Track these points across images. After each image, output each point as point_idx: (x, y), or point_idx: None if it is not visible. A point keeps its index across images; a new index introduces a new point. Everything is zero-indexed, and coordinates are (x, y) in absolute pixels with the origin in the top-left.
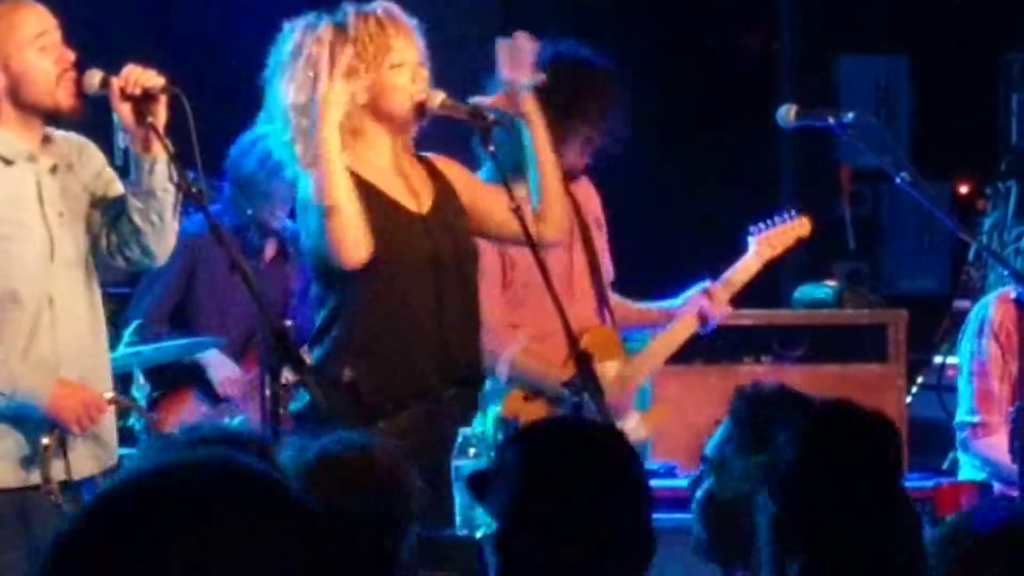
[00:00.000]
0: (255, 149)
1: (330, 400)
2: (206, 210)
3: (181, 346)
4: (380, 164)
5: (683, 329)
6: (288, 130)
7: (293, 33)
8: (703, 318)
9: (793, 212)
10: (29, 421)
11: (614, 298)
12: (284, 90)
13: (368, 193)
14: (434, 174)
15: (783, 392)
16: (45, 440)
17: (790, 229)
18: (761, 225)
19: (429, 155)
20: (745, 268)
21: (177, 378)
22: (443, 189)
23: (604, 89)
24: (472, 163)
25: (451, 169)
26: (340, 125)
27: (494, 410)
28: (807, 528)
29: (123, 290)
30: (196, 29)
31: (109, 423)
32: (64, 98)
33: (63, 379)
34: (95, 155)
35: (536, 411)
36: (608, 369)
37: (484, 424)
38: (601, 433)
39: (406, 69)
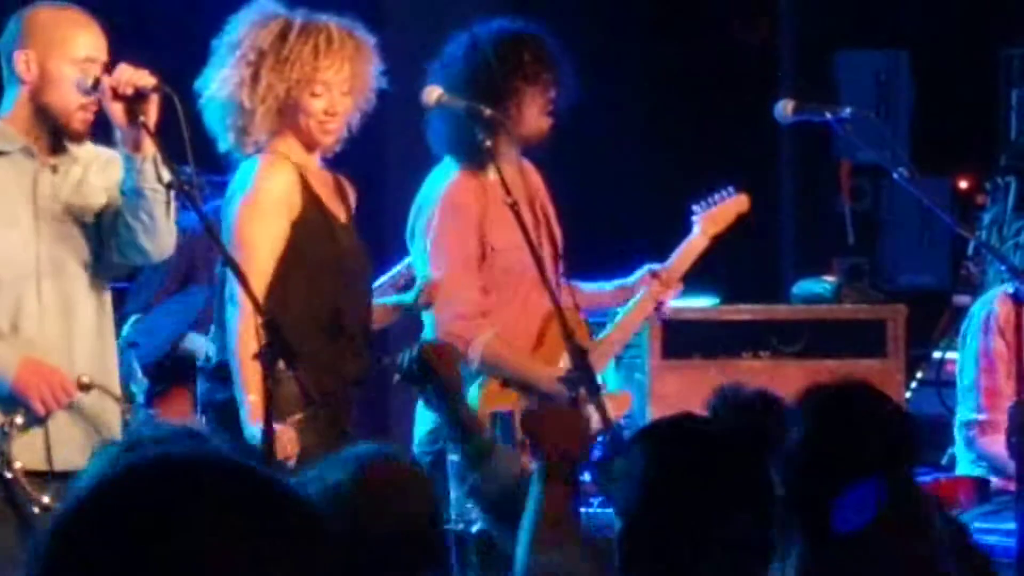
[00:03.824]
0: None
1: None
2: (198, 207)
3: (175, 314)
4: (304, 163)
5: (639, 313)
6: (227, 116)
7: (244, 21)
8: (657, 301)
9: (731, 189)
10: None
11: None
12: (221, 78)
13: (307, 194)
14: (341, 190)
15: (763, 397)
16: (18, 419)
17: (731, 205)
18: (703, 203)
19: (336, 174)
20: (692, 247)
21: (174, 374)
22: (349, 205)
23: (532, 52)
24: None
25: (350, 193)
26: (268, 128)
27: (473, 395)
28: (811, 511)
29: (121, 285)
30: (190, 26)
31: (111, 416)
32: (76, 123)
33: (30, 356)
34: (119, 166)
35: (512, 399)
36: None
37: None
38: (726, 433)
39: (324, 99)
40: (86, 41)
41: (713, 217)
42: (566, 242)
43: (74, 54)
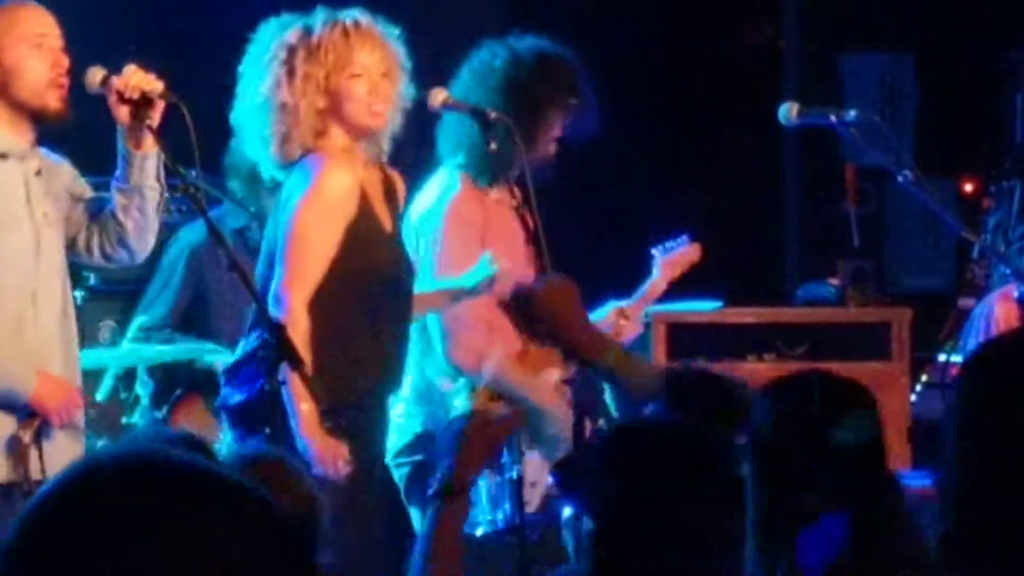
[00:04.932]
0: None
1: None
2: (203, 211)
3: (185, 350)
4: (354, 161)
5: None
6: (267, 127)
7: (267, 33)
8: (617, 337)
9: (685, 237)
10: (11, 415)
11: None
12: (255, 89)
13: (363, 201)
14: (391, 187)
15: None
16: (22, 432)
17: (687, 253)
18: (661, 248)
19: (388, 168)
20: (654, 289)
21: (188, 383)
22: (397, 205)
23: (566, 77)
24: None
25: (401, 190)
26: (312, 127)
27: (464, 406)
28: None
29: (129, 287)
30: (195, 29)
31: (81, 425)
32: (52, 101)
33: (44, 371)
34: (67, 166)
35: (500, 409)
36: (550, 376)
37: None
38: (696, 433)
39: (364, 80)
40: (31, 19)
41: (672, 263)
42: (567, 246)
43: (25, 32)
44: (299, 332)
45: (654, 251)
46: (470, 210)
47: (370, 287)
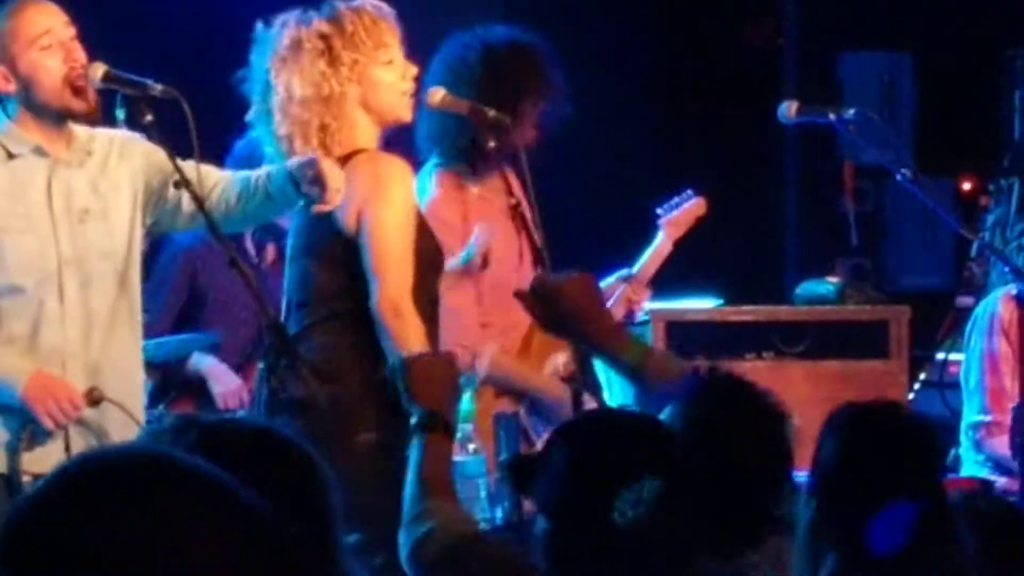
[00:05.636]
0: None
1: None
2: (205, 210)
3: (178, 343)
4: None
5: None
6: (286, 123)
7: (286, 28)
8: (629, 306)
9: (690, 192)
10: (17, 408)
11: None
12: (284, 83)
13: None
14: None
15: (735, 384)
16: (24, 433)
17: (692, 210)
18: (665, 207)
19: None
20: (659, 251)
21: (179, 390)
22: None
23: (540, 63)
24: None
25: None
26: (351, 118)
27: (467, 407)
28: (844, 528)
29: None
30: (196, 29)
31: (123, 425)
32: (73, 103)
33: (44, 370)
34: (138, 143)
35: (504, 407)
36: (557, 359)
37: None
38: (647, 428)
39: (397, 66)
40: (33, 19)
41: (676, 221)
42: (566, 247)
43: (30, 36)
44: (419, 333)
45: (659, 211)
46: (449, 213)
47: (427, 275)
